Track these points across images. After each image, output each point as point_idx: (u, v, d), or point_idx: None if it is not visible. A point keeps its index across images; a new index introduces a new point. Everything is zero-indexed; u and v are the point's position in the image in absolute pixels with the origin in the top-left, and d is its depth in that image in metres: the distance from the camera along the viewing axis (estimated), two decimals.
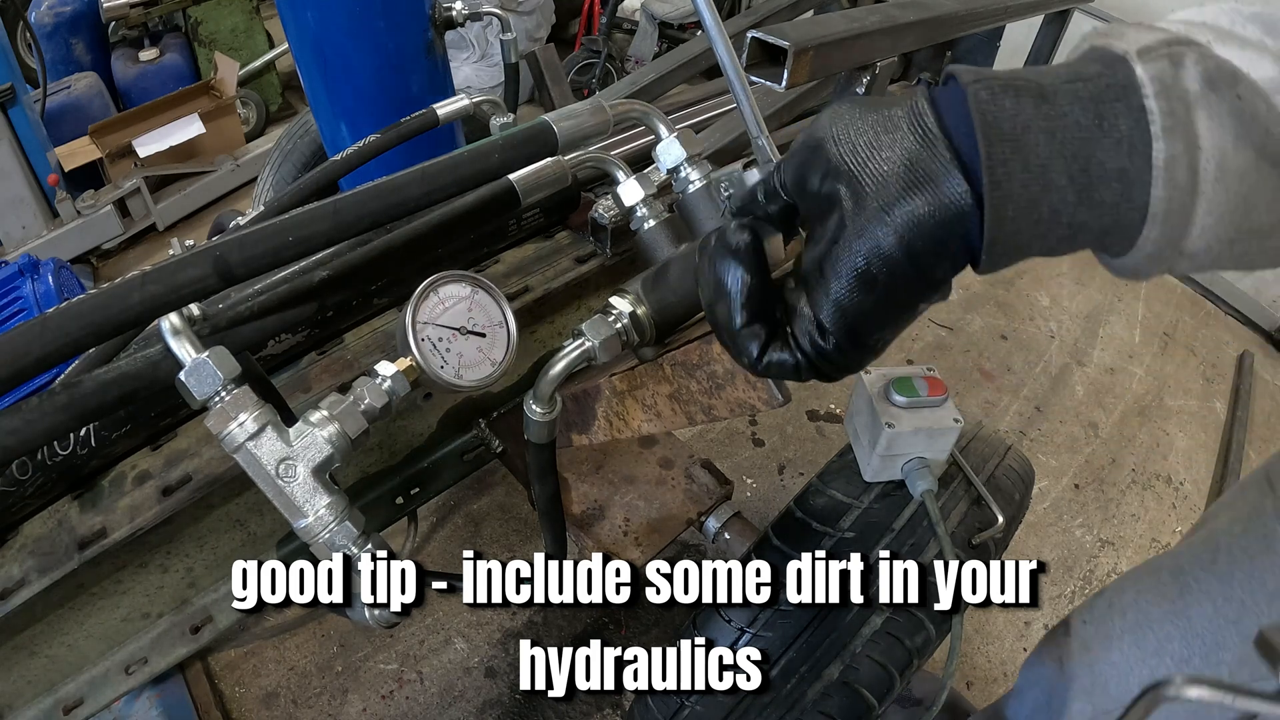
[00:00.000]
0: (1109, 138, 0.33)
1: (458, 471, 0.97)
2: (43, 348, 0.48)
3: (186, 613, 0.82)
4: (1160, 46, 0.34)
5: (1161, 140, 0.32)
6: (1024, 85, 0.35)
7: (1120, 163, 0.33)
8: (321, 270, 0.78)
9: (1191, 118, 0.32)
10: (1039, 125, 0.34)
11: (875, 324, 0.40)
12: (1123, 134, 0.33)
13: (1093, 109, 0.34)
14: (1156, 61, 0.33)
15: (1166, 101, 0.32)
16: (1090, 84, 0.34)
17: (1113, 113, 0.33)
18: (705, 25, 0.72)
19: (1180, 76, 0.33)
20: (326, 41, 1.26)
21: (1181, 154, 0.32)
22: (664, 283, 0.63)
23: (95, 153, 2.42)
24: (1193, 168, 0.33)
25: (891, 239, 0.36)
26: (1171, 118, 0.32)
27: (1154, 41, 0.34)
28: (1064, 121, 0.34)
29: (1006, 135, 0.34)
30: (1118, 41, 0.34)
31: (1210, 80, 0.33)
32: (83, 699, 0.78)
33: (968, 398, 2.01)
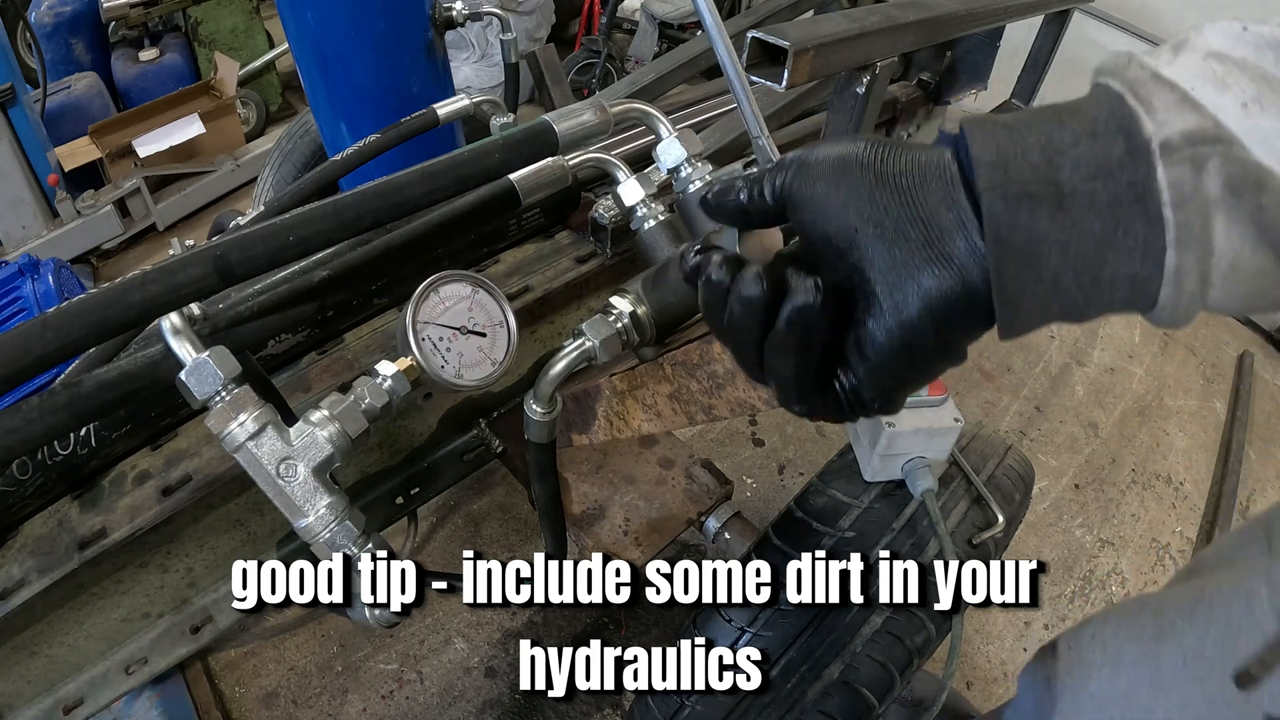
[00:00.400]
0: (1123, 244, 0.33)
1: (458, 471, 0.97)
2: (43, 348, 0.48)
3: (186, 613, 0.82)
4: (1184, 146, 0.32)
5: (1173, 250, 0.32)
6: (1041, 192, 0.34)
7: (1132, 268, 0.33)
8: (321, 270, 0.78)
9: (1208, 226, 0.32)
10: (1055, 238, 0.34)
11: (909, 387, 0.41)
12: (1137, 240, 0.33)
13: (1110, 215, 0.33)
14: (1178, 166, 0.32)
15: (1183, 213, 0.32)
16: (1111, 182, 0.33)
17: (1129, 217, 0.33)
18: (705, 25, 0.72)
19: (1201, 184, 0.32)
20: (326, 41, 1.26)
21: (1193, 264, 0.32)
22: (664, 283, 0.63)
23: (95, 153, 2.42)
24: (1203, 274, 0.33)
25: (927, 323, 0.37)
26: (1186, 230, 0.32)
27: (1181, 133, 0.32)
28: (1080, 231, 0.33)
29: (1020, 251, 0.34)
30: (1146, 119, 0.33)
31: (1233, 187, 0.32)
32: (83, 699, 0.78)
33: (968, 398, 2.01)
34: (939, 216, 0.36)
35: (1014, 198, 0.34)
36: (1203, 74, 0.33)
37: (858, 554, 0.77)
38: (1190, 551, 1.70)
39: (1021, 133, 0.35)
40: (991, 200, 0.34)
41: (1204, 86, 0.33)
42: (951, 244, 0.36)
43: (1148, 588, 1.61)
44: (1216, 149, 0.32)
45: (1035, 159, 0.34)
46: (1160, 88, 0.33)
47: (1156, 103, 0.33)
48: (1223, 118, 0.32)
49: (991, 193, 0.34)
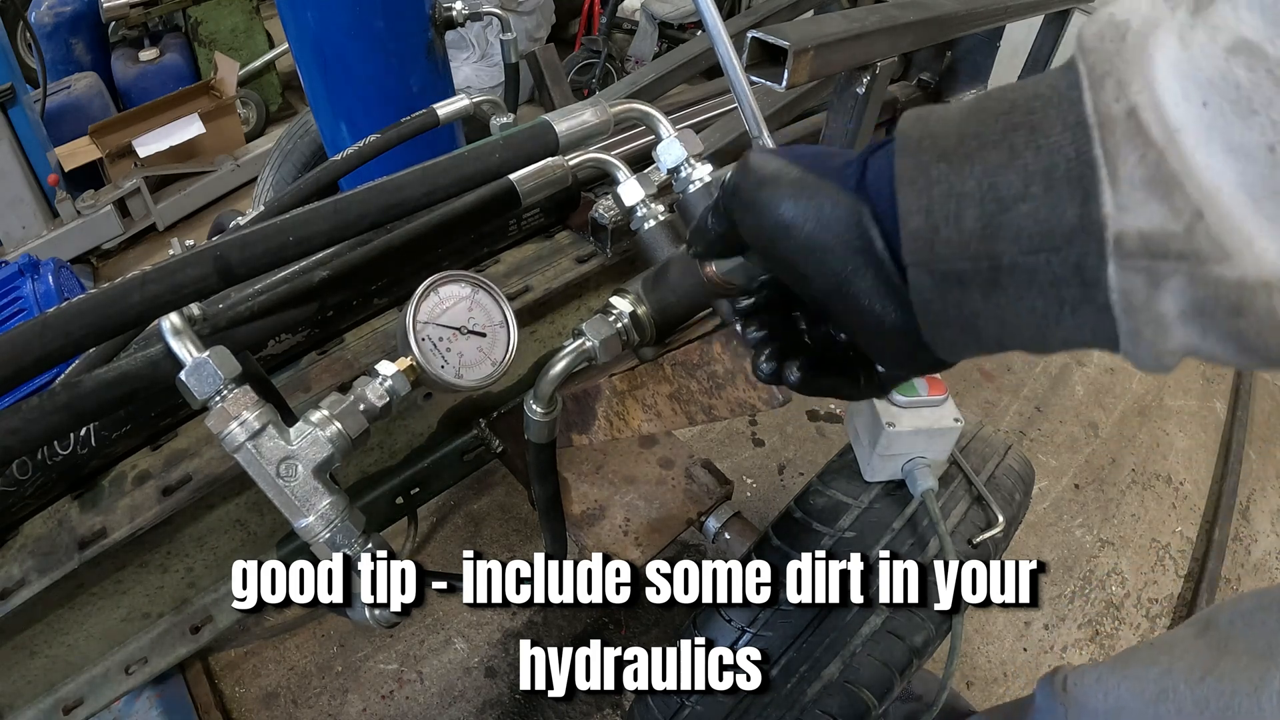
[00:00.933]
0: (1069, 323, 0.29)
1: (458, 471, 0.97)
2: (43, 348, 0.48)
3: (186, 613, 0.82)
4: (1140, 254, 0.25)
5: (1127, 343, 0.28)
6: (973, 270, 0.29)
7: (1084, 339, 0.29)
8: (321, 270, 0.78)
9: (1166, 336, 0.27)
10: (989, 314, 0.30)
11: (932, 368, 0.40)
12: (1085, 321, 0.28)
13: (1053, 297, 0.28)
14: (1130, 274, 0.26)
15: (1132, 320, 0.27)
16: (1057, 259, 0.27)
17: (1074, 299, 0.28)
18: (706, 25, 0.72)
19: (1155, 302, 0.26)
20: (326, 41, 1.26)
21: (1150, 357, 0.28)
22: (664, 283, 0.63)
23: (95, 153, 2.42)
24: (1165, 366, 0.28)
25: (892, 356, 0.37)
26: (1137, 337, 0.27)
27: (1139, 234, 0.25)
28: (1017, 309, 0.29)
29: (954, 322, 0.31)
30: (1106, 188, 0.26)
31: (1201, 309, 0.25)
32: (83, 699, 0.78)
33: (968, 398, 2.01)
34: (860, 283, 0.34)
35: (940, 275, 0.30)
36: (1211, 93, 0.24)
37: (858, 554, 0.77)
38: (1190, 551, 1.70)
39: (963, 170, 0.29)
40: (917, 276, 0.31)
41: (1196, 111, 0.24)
42: (885, 305, 0.34)
43: (1148, 588, 1.61)
44: (1181, 268, 0.25)
45: (970, 222, 0.29)
46: (1131, 145, 0.25)
47: (1122, 168, 0.25)
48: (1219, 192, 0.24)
49: (917, 269, 0.31)
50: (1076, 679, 0.86)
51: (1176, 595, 1.61)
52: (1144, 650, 0.78)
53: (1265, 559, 1.71)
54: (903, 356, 0.37)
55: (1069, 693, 0.86)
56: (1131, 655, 0.80)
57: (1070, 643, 1.49)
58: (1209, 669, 0.67)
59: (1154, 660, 0.74)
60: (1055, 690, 0.89)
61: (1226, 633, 0.70)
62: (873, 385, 0.43)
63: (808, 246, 0.35)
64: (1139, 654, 0.79)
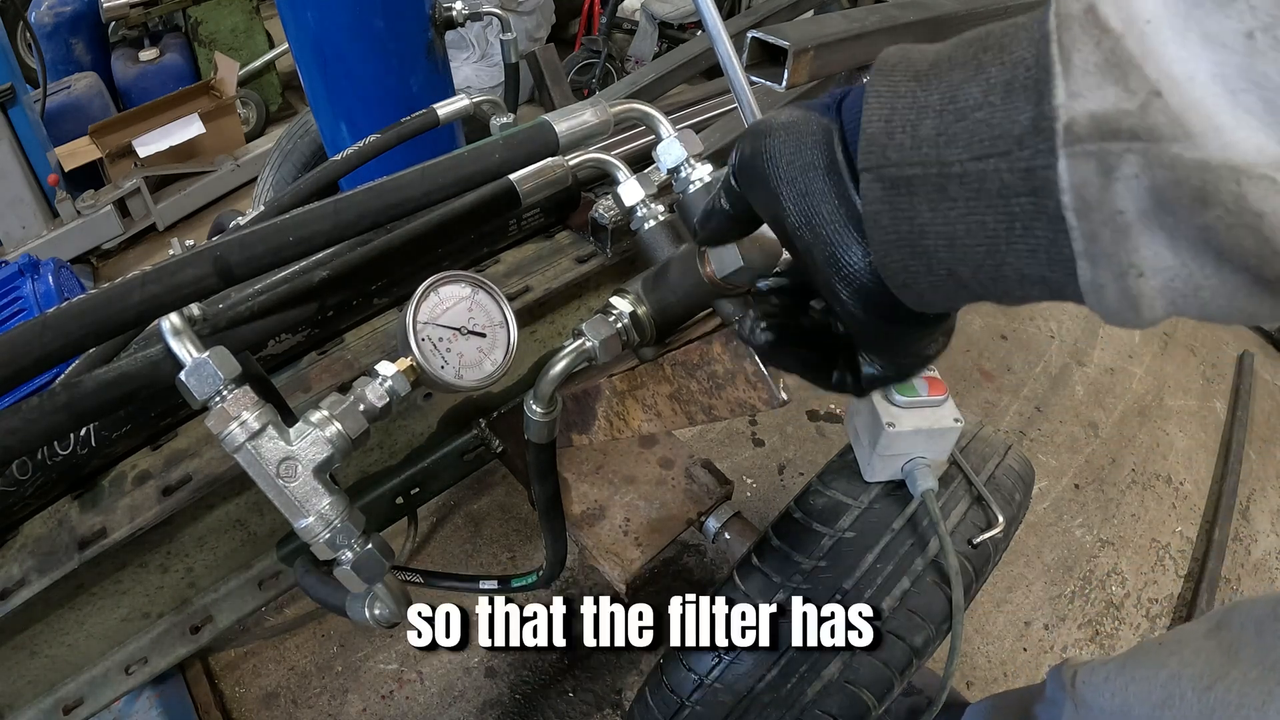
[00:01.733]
0: (1021, 244, 0.26)
1: (458, 471, 0.97)
2: (43, 348, 0.48)
3: (186, 613, 0.82)
4: (1091, 136, 0.23)
5: (1084, 261, 0.25)
6: (921, 176, 0.28)
7: (1039, 271, 0.27)
8: (321, 270, 0.78)
9: (1127, 244, 0.24)
10: (935, 231, 0.29)
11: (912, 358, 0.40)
12: (1038, 242, 0.26)
13: (1002, 209, 0.26)
14: (1082, 161, 0.24)
15: (1087, 222, 0.24)
16: (1005, 164, 0.26)
17: (1025, 214, 0.26)
18: (706, 25, 0.72)
19: (1109, 193, 0.23)
20: (326, 41, 1.26)
21: (1111, 282, 0.25)
22: (664, 283, 0.63)
23: (95, 153, 2.42)
24: (1130, 295, 0.25)
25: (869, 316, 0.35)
26: (1094, 242, 0.24)
27: (1089, 115, 0.23)
28: (964, 225, 0.28)
29: (903, 242, 0.30)
30: (1060, 80, 0.24)
31: (1162, 200, 0.23)
32: (83, 699, 0.78)
33: (968, 398, 2.01)
34: (827, 205, 0.34)
35: (890, 181, 0.29)
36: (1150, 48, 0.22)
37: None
38: (1190, 551, 1.70)
39: (929, 86, 0.28)
40: (868, 184, 0.30)
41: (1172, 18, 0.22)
42: (846, 233, 0.33)
43: (1148, 588, 1.61)
44: (1134, 147, 0.23)
45: (926, 129, 0.28)
46: (1086, 35, 0.24)
47: (1075, 57, 0.24)
48: (1180, 63, 0.22)
49: (868, 175, 0.30)
50: (1085, 676, 0.86)
51: (1176, 595, 1.61)
52: (1153, 649, 0.78)
53: (1265, 559, 1.71)
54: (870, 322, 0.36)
55: (1077, 689, 0.86)
56: (1141, 654, 0.79)
57: (1070, 643, 1.49)
58: (1218, 677, 0.67)
59: (1163, 662, 0.74)
60: (1064, 683, 0.89)
61: (1238, 637, 0.69)
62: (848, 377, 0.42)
63: (786, 175, 0.35)
64: (1148, 654, 0.78)
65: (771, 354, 0.41)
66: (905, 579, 0.76)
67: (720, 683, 0.77)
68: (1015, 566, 1.61)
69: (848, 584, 0.76)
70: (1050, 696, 0.93)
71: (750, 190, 0.39)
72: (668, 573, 1.52)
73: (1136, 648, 0.82)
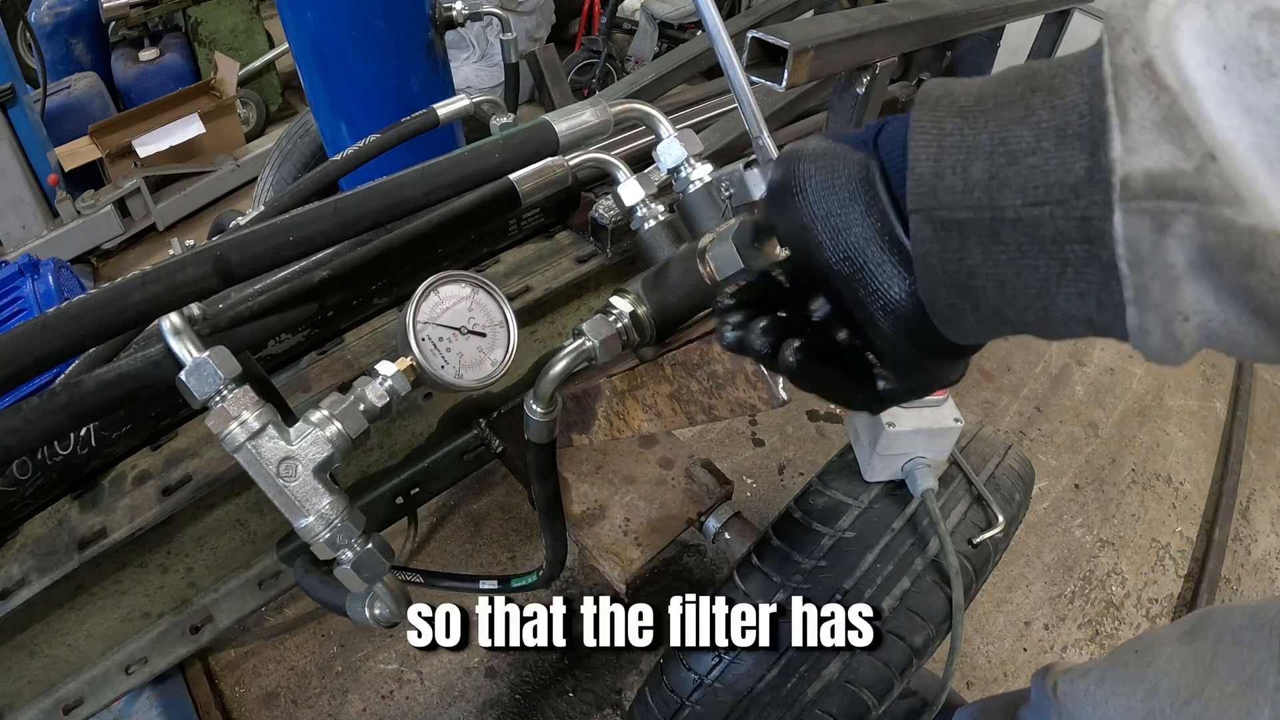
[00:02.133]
0: (1071, 288, 0.27)
1: (458, 471, 0.97)
2: (43, 348, 0.48)
3: (186, 613, 0.82)
4: (1147, 195, 0.24)
5: (1133, 308, 0.26)
6: (973, 220, 0.28)
7: (1087, 313, 0.28)
8: (321, 270, 0.78)
9: (1175, 294, 0.25)
10: (985, 273, 0.29)
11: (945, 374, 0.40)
12: (1089, 286, 0.27)
13: (1055, 255, 0.27)
14: (1138, 218, 0.24)
15: (1139, 275, 0.25)
16: (1061, 212, 0.26)
17: (1078, 259, 0.26)
18: (706, 25, 0.72)
19: (1163, 249, 0.24)
20: (326, 41, 1.26)
21: (1156, 327, 0.26)
22: (664, 283, 0.63)
23: (95, 153, 2.42)
24: (1175, 338, 0.26)
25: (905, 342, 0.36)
26: (1145, 294, 0.25)
27: (1146, 174, 0.24)
28: (1015, 269, 0.28)
29: (952, 281, 0.30)
30: (1117, 133, 0.25)
31: (1211, 259, 0.24)
32: (83, 699, 0.78)
33: (968, 398, 2.01)
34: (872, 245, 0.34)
35: (940, 223, 0.29)
36: (1232, 57, 0.23)
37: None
38: (1190, 551, 1.70)
39: (977, 125, 0.29)
40: (918, 225, 0.30)
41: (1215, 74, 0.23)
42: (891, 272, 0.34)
43: (1147, 588, 1.61)
44: (1189, 208, 0.23)
45: (977, 172, 0.28)
46: (1144, 90, 0.24)
47: (1133, 111, 0.24)
48: (1225, 132, 0.23)
49: (918, 216, 0.30)
50: (1066, 686, 0.86)
51: (1176, 595, 1.61)
52: (1130, 659, 0.77)
53: (1265, 559, 1.71)
54: (906, 351, 0.36)
55: (1059, 699, 0.86)
56: (1119, 665, 0.79)
57: (1070, 643, 1.49)
58: (1195, 692, 0.66)
59: (1141, 675, 0.74)
60: (1047, 690, 0.89)
61: (1214, 648, 0.69)
62: (869, 395, 0.42)
63: (820, 209, 0.35)
64: (1126, 665, 0.77)
65: (800, 373, 0.40)
66: (905, 579, 0.76)
67: (720, 683, 0.77)
68: (1015, 566, 1.61)
69: (848, 584, 0.76)
70: (1035, 702, 0.93)
71: (779, 217, 0.38)
72: (668, 573, 1.52)
73: (1113, 656, 0.81)
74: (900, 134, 0.33)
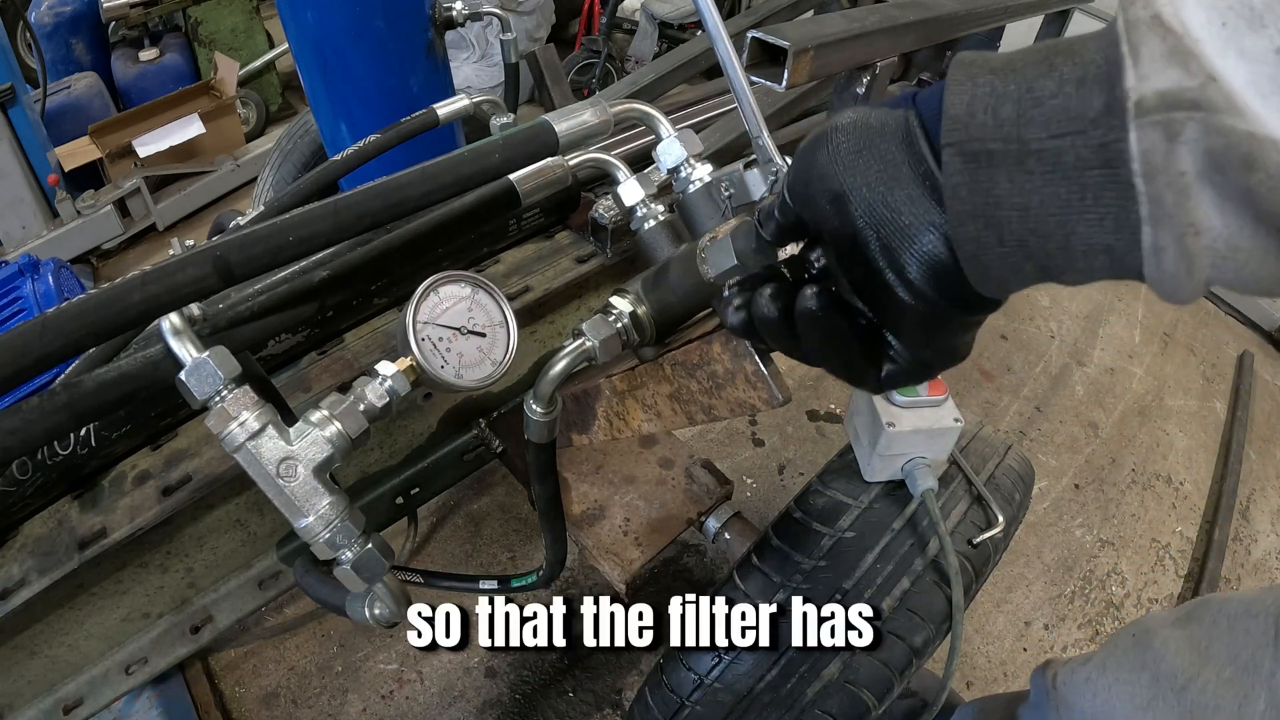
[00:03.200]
0: (1091, 213, 0.30)
1: (458, 471, 0.97)
2: (43, 348, 0.48)
3: (186, 613, 0.82)
4: (1158, 109, 0.27)
5: (1149, 225, 0.29)
6: (1000, 150, 0.32)
7: (1105, 239, 0.30)
8: (321, 270, 0.78)
9: (1186, 203, 0.28)
10: (1012, 201, 0.32)
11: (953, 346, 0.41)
12: (1107, 210, 0.30)
13: (1076, 180, 0.30)
14: (1150, 131, 0.28)
15: (1154, 186, 0.28)
16: (1080, 141, 0.30)
17: (1096, 185, 0.29)
18: (706, 25, 0.72)
19: (1174, 157, 0.27)
20: (326, 41, 1.26)
21: (1171, 243, 0.28)
22: (664, 283, 0.63)
23: (95, 153, 2.42)
24: (1187, 254, 0.28)
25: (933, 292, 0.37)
26: (1159, 205, 0.28)
27: (1157, 92, 0.27)
28: (1039, 196, 0.31)
29: (978, 213, 0.33)
30: (1130, 69, 0.28)
31: (1216, 162, 0.27)
32: (83, 699, 0.78)
33: (968, 398, 2.01)
34: (907, 185, 0.36)
35: (971, 155, 0.32)
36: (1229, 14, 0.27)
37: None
38: (1190, 551, 1.70)
39: (1007, 78, 0.32)
40: (950, 158, 0.33)
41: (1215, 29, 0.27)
42: (925, 207, 0.36)
43: (1148, 588, 1.61)
44: (1194, 116, 0.27)
45: (1006, 112, 0.32)
46: (1153, 33, 0.28)
47: (1144, 49, 0.28)
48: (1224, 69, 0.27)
49: (950, 150, 0.33)
50: (1066, 677, 0.86)
51: (1176, 595, 1.61)
52: (1128, 645, 0.78)
53: (1265, 559, 1.71)
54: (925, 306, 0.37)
55: (1058, 691, 0.86)
56: (1118, 652, 0.79)
57: (1070, 643, 1.49)
58: (1191, 676, 0.67)
59: (1141, 661, 0.74)
60: (1046, 685, 0.89)
61: (1209, 634, 0.70)
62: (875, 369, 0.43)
63: (857, 148, 0.38)
64: (1125, 651, 0.78)
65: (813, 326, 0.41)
66: (905, 579, 0.76)
67: (720, 683, 0.77)
68: (1015, 566, 1.61)
69: (848, 584, 0.76)
70: (1034, 700, 0.93)
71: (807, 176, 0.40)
72: (668, 573, 1.52)
73: (1111, 643, 0.82)
74: (936, 93, 0.36)
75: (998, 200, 0.32)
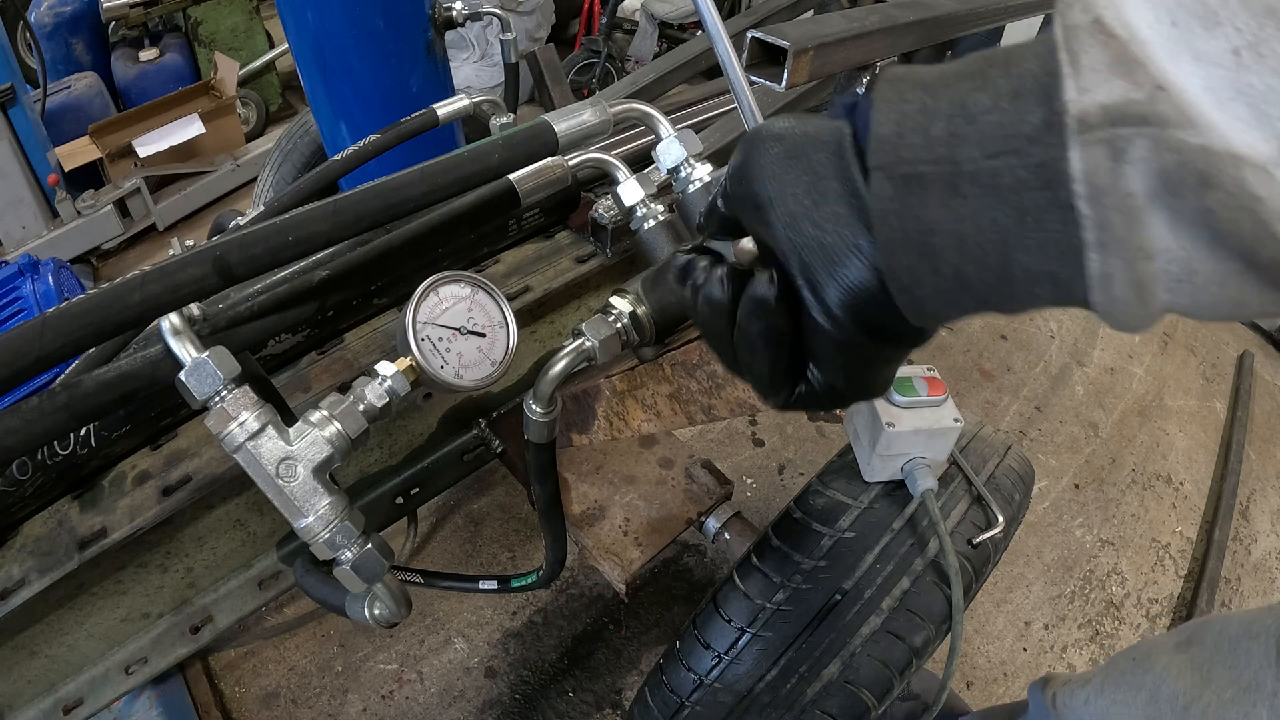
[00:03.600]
0: (1031, 239, 0.27)
1: (458, 471, 0.97)
2: (43, 348, 0.48)
3: (186, 613, 0.82)
4: (1102, 125, 0.24)
5: (1094, 252, 0.26)
6: (932, 173, 0.29)
7: (1048, 267, 0.27)
8: (321, 270, 0.78)
9: (1136, 229, 0.25)
10: (945, 229, 0.29)
11: (871, 378, 0.39)
12: (1049, 235, 0.27)
13: (1014, 203, 0.27)
14: (1093, 149, 0.25)
15: (1100, 210, 0.25)
16: (1017, 161, 0.27)
17: (1037, 208, 0.27)
18: (706, 25, 0.72)
19: (1121, 178, 0.25)
20: (326, 41, 1.26)
21: (1120, 270, 0.26)
22: (664, 283, 0.63)
23: (95, 153, 2.42)
24: (1138, 281, 0.26)
25: (850, 320, 0.34)
26: (1106, 230, 0.25)
27: (1100, 106, 0.25)
28: (975, 222, 0.28)
29: (910, 241, 0.30)
30: (1070, 80, 0.25)
31: (1169, 182, 0.24)
32: (83, 699, 0.78)
33: (968, 398, 2.01)
34: (833, 204, 0.33)
35: (901, 179, 0.30)
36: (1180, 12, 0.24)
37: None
38: (1190, 551, 1.70)
39: (938, 94, 0.29)
40: (879, 182, 0.30)
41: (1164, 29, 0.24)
42: (852, 229, 0.33)
43: (1147, 588, 1.61)
44: (1143, 131, 0.24)
45: (937, 131, 0.29)
46: (1094, 39, 0.25)
47: (1084, 58, 0.25)
48: (1176, 76, 0.23)
49: (879, 173, 0.30)
50: (1066, 698, 0.86)
51: (1176, 595, 1.61)
52: (1128, 667, 0.77)
53: (1265, 559, 1.71)
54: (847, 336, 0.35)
55: (1058, 710, 0.86)
56: (1117, 674, 0.79)
57: (1070, 643, 1.49)
58: (1193, 698, 0.67)
59: (1140, 682, 0.74)
60: (1045, 702, 0.89)
61: (1211, 656, 0.69)
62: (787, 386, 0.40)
63: (787, 155, 0.35)
64: (1125, 673, 0.78)
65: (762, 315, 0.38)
66: (905, 579, 0.76)
67: (720, 683, 0.77)
68: (1015, 566, 1.61)
69: (847, 584, 0.76)
70: (1033, 713, 0.93)
71: (739, 188, 0.38)
72: (668, 573, 1.52)
73: (1111, 665, 0.82)
74: (869, 105, 0.33)
75: (930, 227, 0.29)
